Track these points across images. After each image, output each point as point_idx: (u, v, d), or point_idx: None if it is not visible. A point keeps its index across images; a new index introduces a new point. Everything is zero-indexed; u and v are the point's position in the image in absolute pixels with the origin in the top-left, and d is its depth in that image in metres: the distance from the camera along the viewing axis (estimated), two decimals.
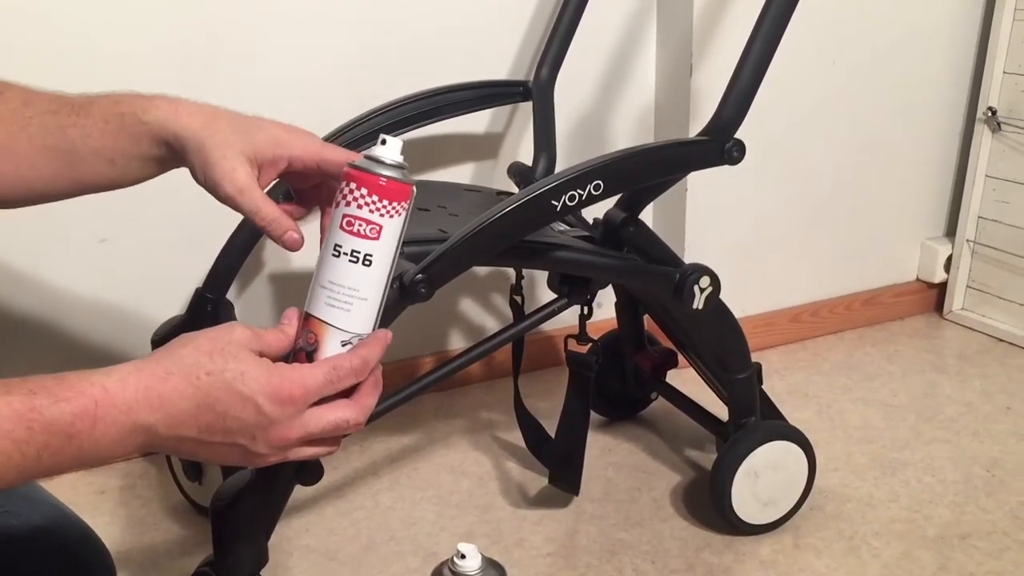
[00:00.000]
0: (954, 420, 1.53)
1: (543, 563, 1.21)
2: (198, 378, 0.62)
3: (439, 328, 1.65)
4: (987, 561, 1.19)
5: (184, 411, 0.62)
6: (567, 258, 1.08)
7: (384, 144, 0.68)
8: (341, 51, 1.43)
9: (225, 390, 0.62)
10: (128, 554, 1.23)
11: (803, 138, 1.70)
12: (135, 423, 0.60)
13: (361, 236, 0.67)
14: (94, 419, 0.58)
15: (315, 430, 0.66)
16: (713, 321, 1.16)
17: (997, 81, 1.73)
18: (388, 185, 0.67)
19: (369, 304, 0.69)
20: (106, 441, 0.59)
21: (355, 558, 1.22)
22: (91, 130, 0.74)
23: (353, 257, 0.68)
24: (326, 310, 0.68)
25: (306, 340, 0.69)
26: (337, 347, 0.69)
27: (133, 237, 1.38)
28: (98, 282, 1.39)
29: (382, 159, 0.68)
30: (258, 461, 0.67)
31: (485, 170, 1.58)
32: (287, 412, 0.64)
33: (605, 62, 1.60)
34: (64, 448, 0.58)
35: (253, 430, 0.64)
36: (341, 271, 0.68)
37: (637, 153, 1.04)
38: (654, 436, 1.49)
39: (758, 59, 1.04)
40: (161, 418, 0.61)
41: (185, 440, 0.63)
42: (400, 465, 1.43)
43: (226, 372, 0.63)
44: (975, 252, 1.84)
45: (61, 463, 0.58)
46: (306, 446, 0.68)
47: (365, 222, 0.67)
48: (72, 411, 0.58)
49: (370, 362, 0.69)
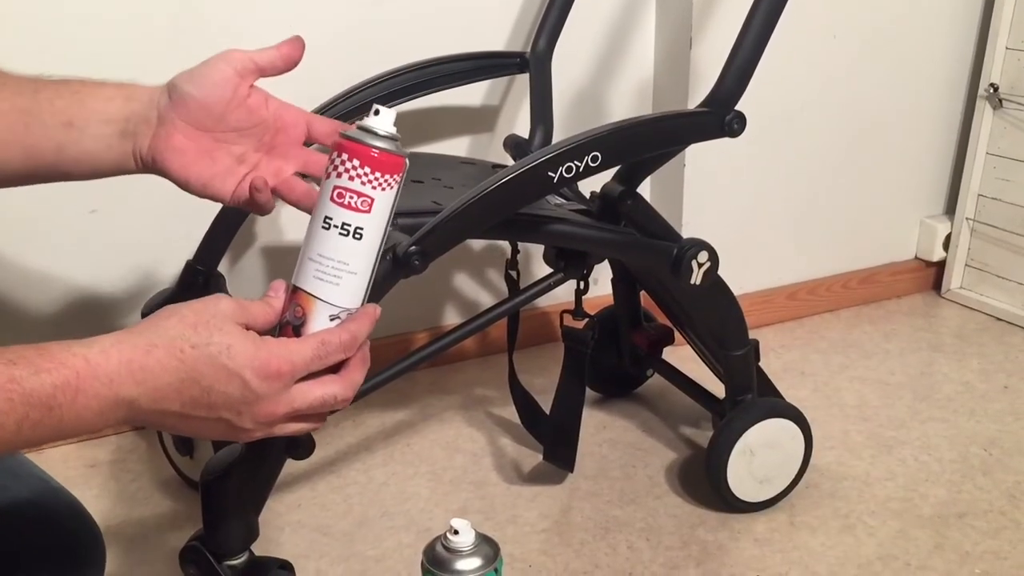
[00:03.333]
0: (951, 399, 1.52)
1: (537, 539, 1.20)
2: (182, 351, 0.61)
3: (433, 303, 1.63)
4: (983, 540, 1.18)
5: (167, 385, 0.60)
6: (564, 231, 1.06)
7: (377, 115, 0.67)
8: (334, 24, 1.40)
9: (210, 364, 0.61)
10: (118, 528, 1.22)
11: (802, 114, 1.68)
12: (117, 396, 0.59)
13: (352, 208, 0.66)
14: (75, 391, 0.57)
15: (302, 406, 0.65)
16: (711, 297, 1.15)
17: (999, 57, 1.71)
18: (380, 157, 0.66)
19: (359, 278, 0.68)
20: (88, 413, 0.58)
21: (348, 534, 1.21)
22: (63, 91, 0.72)
23: (343, 230, 0.66)
24: (315, 283, 0.67)
25: (293, 314, 0.67)
26: (325, 321, 0.67)
27: (123, 208, 1.36)
28: (88, 253, 1.37)
29: (375, 130, 0.66)
30: (243, 436, 0.66)
31: (481, 143, 1.56)
32: (274, 387, 0.63)
33: (603, 34, 1.58)
34: (44, 420, 0.56)
35: (239, 405, 0.63)
36: (331, 244, 0.66)
37: (636, 124, 1.02)
38: (649, 413, 1.48)
39: (760, 30, 1.03)
40: (144, 392, 0.60)
41: (168, 414, 0.62)
42: (393, 441, 1.42)
43: (211, 345, 0.61)
44: (974, 230, 1.82)
45: (41, 435, 0.57)
46: (292, 422, 0.66)
47: (356, 194, 0.66)
48: (53, 382, 0.56)
49: (359, 337, 0.67)
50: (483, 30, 1.49)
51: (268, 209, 0.74)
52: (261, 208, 0.74)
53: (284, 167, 0.76)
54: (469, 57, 1.34)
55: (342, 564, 1.16)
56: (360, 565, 1.16)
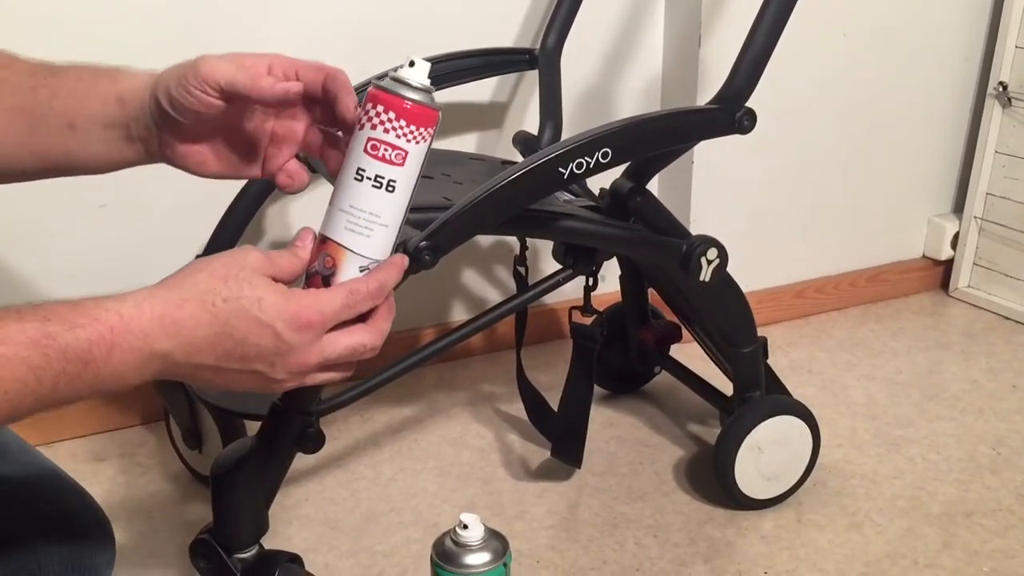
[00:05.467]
0: (959, 398, 1.52)
1: (545, 536, 1.20)
2: (214, 305, 0.61)
3: (441, 299, 1.63)
4: (991, 539, 1.18)
5: (202, 338, 0.61)
6: (573, 227, 1.06)
7: (413, 66, 0.66)
8: (344, 20, 1.40)
9: (243, 317, 0.62)
10: (128, 522, 1.22)
11: (811, 112, 1.68)
12: (152, 350, 0.60)
13: (386, 161, 0.66)
14: (111, 345, 0.58)
15: (332, 355, 0.66)
16: (719, 294, 1.15)
17: (1009, 56, 1.71)
18: (415, 109, 0.65)
19: (389, 230, 0.68)
20: (123, 367, 0.59)
21: (356, 528, 1.21)
22: (60, 90, 0.71)
23: (376, 182, 0.66)
24: (346, 235, 0.67)
25: (323, 264, 0.67)
26: (355, 272, 0.67)
27: (133, 202, 1.36)
28: (98, 248, 1.37)
29: (409, 82, 0.65)
30: (275, 387, 0.66)
31: (490, 139, 1.56)
32: (305, 338, 0.64)
33: (612, 30, 1.58)
34: (80, 375, 0.56)
35: (272, 356, 0.63)
36: (363, 195, 0.66)
37: (646, 120, 1.02)
38: (657, 410, 1.48)
39: (771, 26, 1.02)
40: (178, 345, 0.61)
41: (203, 367, 0.63)
42: (401, 436, 1.42)
43: (243, 299, 0.62)
44: (983, 229, 1.82)
45: (78, 390, 0.57)
46: (323, 371, 0.67)
47: (391, 147, 0.65)
48: (88, 337, 0.57)
49: (387, 286, 0.68)
50: (492, 26, 1.49)
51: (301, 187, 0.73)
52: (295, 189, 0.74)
53: (295, 125, 0.73)
54: (478, 53, 1.34)
55: (350, 558, 1.16)
56: (368, 559, 1.16)
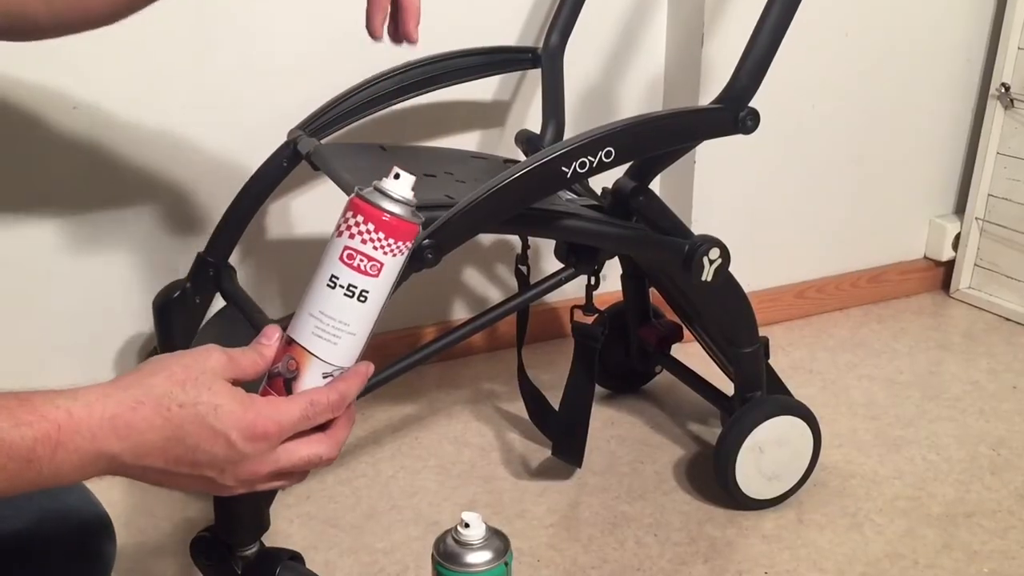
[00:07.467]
0: (960, 399, 1.52)
1: (545, 534, 1.20)
2: (169, 410, 0.60)
3: (442, 297, 1.63)
4: (991, 540, 1.18)
5: (152, 442, 0.60)
6: (576, 227, 1.06)
7: (397, 179, 0.65)
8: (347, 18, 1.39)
9: (197, 424, 0.60)
10: (129, 519, 1.22)
11: (813, 112, 1.68)
12: (99, 450, 0.58)
13: (361, 272, 0.65)
14: (56, 444, 0.56)
15: (287, 465, 0.65)
16: (721, 294, 1.15)
17: (1011, 57, 1.71)
18: (394, 223, 0.64)
19: (357, 339, 0.67)
20: (67, 467, 0.57)
21: (356, 526, 1.22)
22: None
23: (349, 292, 0.65)
24: (313, 340, 0.66)
25: (287, 366, 0.66)
26: (318, 378, 0.66)
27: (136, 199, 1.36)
28: (99, 244, 1.37)
29: (391, 194, 0.65)
30: (223, 492, 0.65)
31: (492, 138, 1.56)
32: (259, 448, 0.63)
33: (615, 29, 1.58)
34: (22, 472, 0.55)
35: (223, 464, 0.62)
36: (334, 303, 0.65)
37: (650, 120, 1.02)
38: (657, 409, 1.49)
39: (775, 26, 1.03)
40: (127, 447, 0.59)
41: (151, 470, 0.61)
42: (402, 435, 1.42)
43: (199, 405, 0.60)
44: (984, 230, 1.82)
45: (18, 486, 0.56)
46: (274, 480, 0.66)
47: (367, 258, 0.65)
48: (34, 435, 0.55)
49: (348, 397, 0.67)
50: (495, 25, 1.48)
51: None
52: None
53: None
54: (481, 52, 1.34)
55: (351, 556, 1.16)
56: (369, 557, 1.16)
